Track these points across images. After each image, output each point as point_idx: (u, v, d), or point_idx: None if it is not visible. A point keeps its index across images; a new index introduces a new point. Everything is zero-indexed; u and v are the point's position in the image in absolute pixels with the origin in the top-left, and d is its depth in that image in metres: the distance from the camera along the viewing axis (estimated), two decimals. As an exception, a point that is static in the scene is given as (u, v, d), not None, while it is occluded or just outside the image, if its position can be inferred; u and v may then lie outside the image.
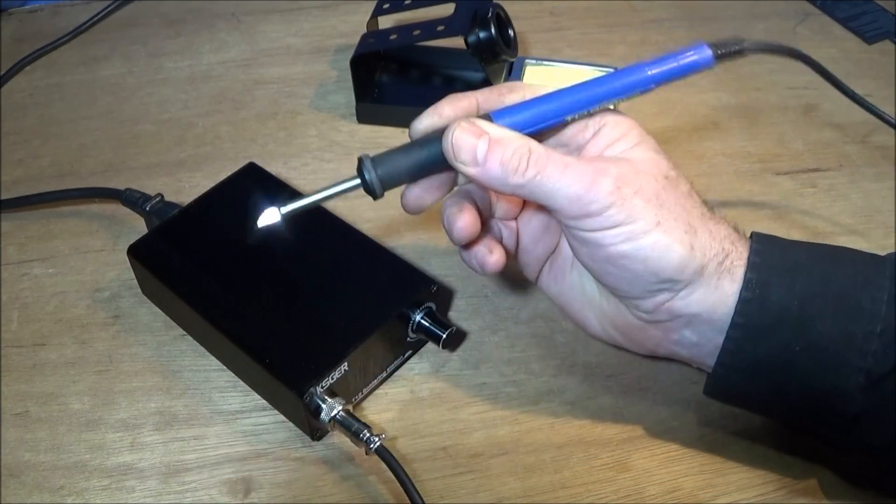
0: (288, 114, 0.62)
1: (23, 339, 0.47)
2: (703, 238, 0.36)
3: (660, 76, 0.37)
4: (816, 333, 0.35)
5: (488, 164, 0.35)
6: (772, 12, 0.73)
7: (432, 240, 0.52)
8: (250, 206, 0.48)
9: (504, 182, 0.35)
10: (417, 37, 0.57)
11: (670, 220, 0.35)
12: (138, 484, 0.41)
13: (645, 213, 0.35)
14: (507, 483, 0.41)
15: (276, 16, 0.72)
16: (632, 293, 0.37)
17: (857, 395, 0.35)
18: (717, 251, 0.36)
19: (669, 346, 0.39)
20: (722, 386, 0.38)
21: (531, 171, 0.35)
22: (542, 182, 0.35)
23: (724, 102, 0.63)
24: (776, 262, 0.36)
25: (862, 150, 0.59)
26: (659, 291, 0.36)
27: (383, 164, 0.36)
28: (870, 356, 0.34)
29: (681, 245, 0.35)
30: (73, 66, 0.67)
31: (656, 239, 0.35)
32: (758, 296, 0.35)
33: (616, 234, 0.35)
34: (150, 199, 0.50)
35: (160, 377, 0.45)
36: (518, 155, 0.35)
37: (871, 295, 0.35)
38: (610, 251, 0.35)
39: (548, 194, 0.35)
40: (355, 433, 0.39)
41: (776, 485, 0.41)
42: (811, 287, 0.35)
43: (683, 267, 0.35)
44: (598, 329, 0.42)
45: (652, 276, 0.36)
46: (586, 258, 0.37)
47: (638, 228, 0.35)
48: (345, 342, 0.41)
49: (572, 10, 0.72)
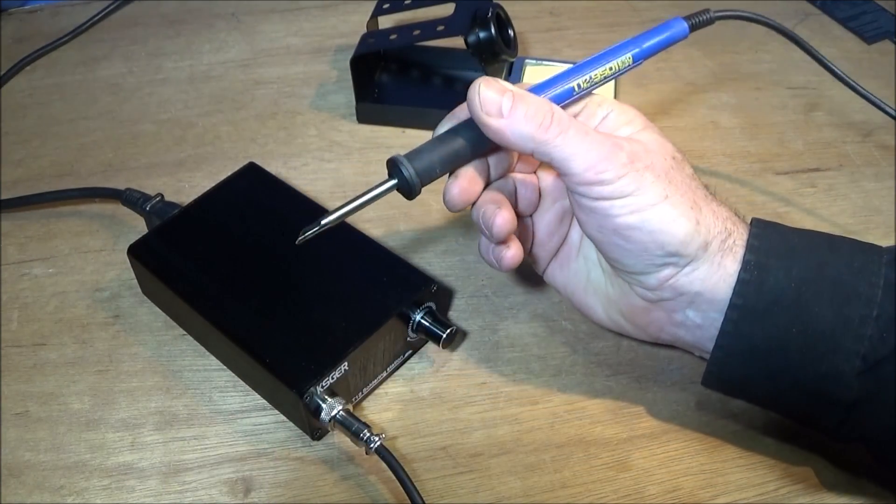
0: (288, 114, 0.62)
1: (23, 339, 0.47)
2: (707, 216, 0.37)
3: (645, 52, 0.40)
4: (813, 316, 0.36)
5: (513, 117, 0.36)
6: (771, 12, 0.72)
7: (432, 240, 0.52)
8: (250, 207, 0.48)
9: (528, 137, 0.36)
10: (417, 37, 0.57)
11: (677, 195, 0.36)
12: (138, 484, 0.41)
13: (654, 187, 0.36)
14: (508, 483, 0.41)
15: (276, 16, 0.72)
16: (637, 267, 0.37)
17: (853, 380, 0.35)
18: (720, 230, 0.37)
19: (673, 329, 0.40)
20: (720, 371, 0.38)
21: (555, 129, 0.36)
22: (563, 142, 0.35)
23: (724, 102, 0.63)
24: (774, 246, 0.37)
25: (862, 149, 0.59)
26: (664, 265, 0.37)
27: (418, 159, 0.37)
28: (866, 340, 0.35)
29: (687, 219, 0.36)
30: (73, 66, 0.67)
31: (664, 211, 0.36)
32: (756, 277, 0.36)
33: (625, 204, 0.36)
34: (150, 199, 0.50)
35: (160, 377, 0.45)
36: (542, 111, 0.36)
37: (867, 280, 0.36)
38: (618, 222, 0.36)
39: (566, 157, 0.36)
40: (355, 433, 0.39)
41: (776, 485, 0.41)
42: (808, 271, 0.36)
43: (689, 241, 0.36)
44: (603, 316, 0.42)
45: (658, 249, 0.36)
46: (594, 229, 0.38)
47: (646, 200, 0.36)
48: (345, 342, 0.41)
49: (572, 10, 0.72)
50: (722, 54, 0.67)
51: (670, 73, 0.65)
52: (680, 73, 0.66)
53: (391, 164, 0.37)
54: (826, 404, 0.37)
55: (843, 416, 0.36)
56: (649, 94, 0.64)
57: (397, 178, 0.37)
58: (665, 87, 0.64)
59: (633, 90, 0.64)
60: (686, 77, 0.65)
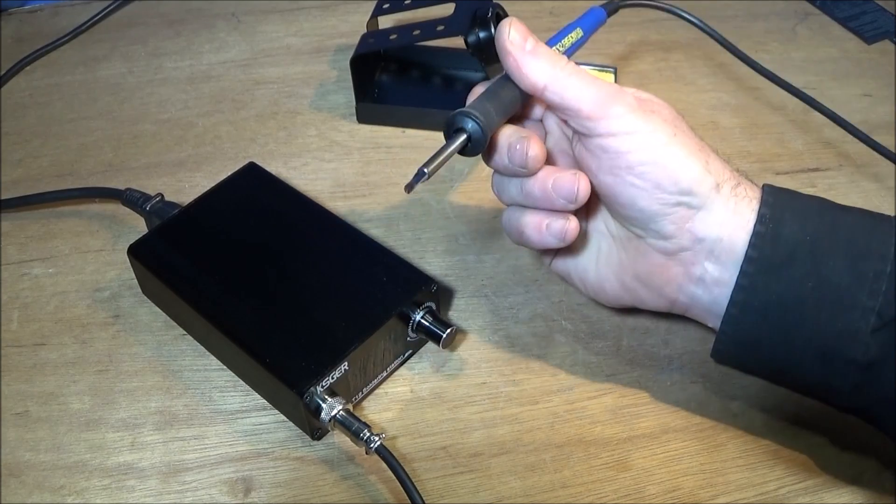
0: (288, 114, 0.62)
1: (23, 338, 0.47)
2: (715, 161, 0.38)
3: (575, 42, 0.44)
4: (828, 270, 0.36)
5: (535, 52, 0.38)
6: (771, 12, 0.73)
7: (432, 240, 0.52)
8: (250, 206, 0.48)
9: (545, 70, 0.38)
10: (417, 37, 0.57)
11: (685, 138, 0.38)
12: (138, 483, 0.41)
13: (664, 127, 0.38)
14: (508, 482, 0.41)
15: (276, 16, 0.72)
16: (652, 208, 0.38)
17: (867, 338, 0.35)
18: (729, 176, 0.38)
19: (691, 287, 0.39)
20: (734, 332, 0.38)
21: (569, 68, 0.38)
22: (574, 81, 0.38)
23: (724, 102, 0.63)
24: (788, 203, 0.38)
25: (862, 149, 0.59)
26: (678, 205, 0.37)
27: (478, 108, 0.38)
28: (880, 296, 0.35)
29: (697, 158, 0.38)
30: (73, 66, 0.67)
31: (675, 150, 0.37)
32: (771, 230, 0.37)
33: (635, 141, 0.37)
34: (150, 199, 0.50)
35: (160, 377, 0.45)
36: (557, 55, 0.39)
37: (880, 238, 0.36)
38: (630, 158, 0.37)
39: (576, 95, 0.38)
40: (355, 433, 0.39)
41: (776, 484, 0.41)
42: (822, 228, 0.37)
43: (701, 179, 0.37)
44: (617, 286, 0.42)
45: (672, 185, 0.37)
46: (606, 171, 0.38)
47: (657, 139, 0.37)
48: (345, 342, 0.41)
49: (572, 10, 0.72)
50: (722, 54, 0.67)
51: (670, 73, 0.66)
52: (680, 73, 0.66)
53: (452, 120, 0.38)
54: (840, 366, 0.36)
55: (857, 380, 0.36)
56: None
57: (468, 130, 0.38)
58: (665, 87, 0.64)
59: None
60: (686, 77, 0.65)
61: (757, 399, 0.44)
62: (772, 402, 0.43)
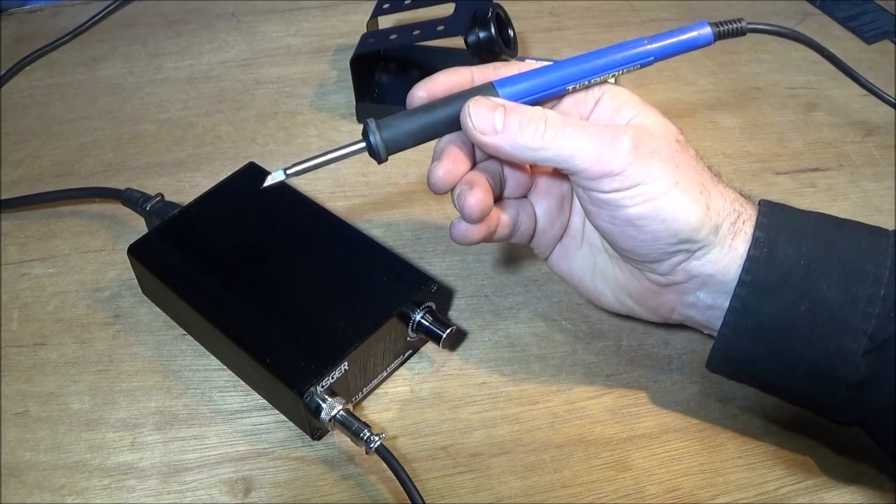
0: (288, 114, 0.62)
1: (23, 338, 0.47)
2: (716, 199, 0.37)
3: (659, 50, 0.38)
4: (821, 294, 0.36)
5: (507, 130, 0.36)
6: (772, 12, 0.73)
7: (432, 240, 0.52)
8: (250, 206, 0.48)
9: (525, 146, 0.36)
10: (417, 37, 0.57)
11: (686, 181, 0.36)
12: (138, 483, 0.41)
13: (663, 173, 0.36)
14: (508, 482, 0.41)
15: (276, 16, 0.72)
16: (650, 256, 0.37)
17: (860, 360, 0.35)
18: (729, 211, 0.37)
19: (684, 309, 0.40)
20: (727, 350, 0.38)
21: (550, 133, 0.36)
22: (561, 143, 0.35)
23: (724, 102, 0.63)
24: (783, 224, 0.37)
25: (861, 149, 0.59)
26: (676, 252, 0.37)
27: (389, 128, 0.37)
28: (873, 319, 0.35)
29: (697, 205, 0.36)
30: (73, 66, 0.67)
31: (675, 199, 0.36)
32: (765, 254, 0.36)
33: (636, 195, 0.36)
34: (150, 199, 0.50)
35: (160, 377, 0.45)
36: (535, 119, 0.36)
37: (875, 260, 0.36)
38: (630, 213, 0.36)
39: (568, 156, 0.36)
40: (355, 433, 0.39)
41: (776, 484, 0.41)
42: (817, 249, 0.36)
43: (701, 226, 0.36)
44: (613, 300, 0.42)
45: (671, 237, 0.36)
46: (605, 222, 0.37)
47: (657, 188, 0.35)
48: (345, 342, 0.41)
49: (572, 10, 0.72)
50: (721, 54, 0.67)
51: (670, 72, 0.66)
52: (680, 72, 0.66)
53: (364, 127, 0.37)
54: (832, 384, 0.36)
55: (847, 397, 0.36)
56: (649, 94, 0.63)
57: (364, 142, 0.37)
58: (665, 86, 0.64)
59: (632, 90, 0.63)
60: (686, 77, 0.65)
61: (757, 399, 0.44)
62: (772, 403, 0.43)
